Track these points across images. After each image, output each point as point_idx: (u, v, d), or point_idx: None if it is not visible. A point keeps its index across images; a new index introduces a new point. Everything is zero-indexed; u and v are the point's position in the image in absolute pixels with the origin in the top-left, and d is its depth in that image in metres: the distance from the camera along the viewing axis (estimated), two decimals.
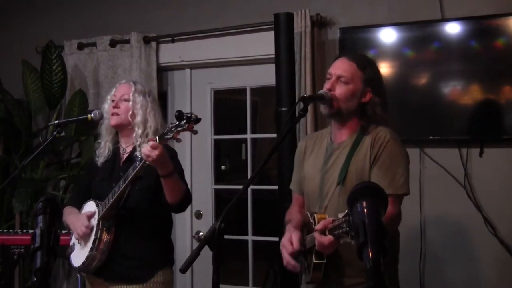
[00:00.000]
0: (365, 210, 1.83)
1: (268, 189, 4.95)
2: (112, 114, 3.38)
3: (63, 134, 4.83)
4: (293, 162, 3.53)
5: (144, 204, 3.29)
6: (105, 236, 3.25)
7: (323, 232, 2.47)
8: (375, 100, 2.86)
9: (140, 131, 3.34)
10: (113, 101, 3.42)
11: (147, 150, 2.92)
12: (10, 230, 4.55)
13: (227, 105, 5.59)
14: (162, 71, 5.31)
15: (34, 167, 5.12)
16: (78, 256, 3.34)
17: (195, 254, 2.26)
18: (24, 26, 5.72)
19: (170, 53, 5.18)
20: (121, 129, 3.42)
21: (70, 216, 3.41)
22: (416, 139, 4.22)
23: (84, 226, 3.27)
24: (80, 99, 5.18)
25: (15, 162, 5.15)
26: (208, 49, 5.02)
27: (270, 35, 4.40)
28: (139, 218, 3.31)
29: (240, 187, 2.51)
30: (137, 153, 3.25)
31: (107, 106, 3.47)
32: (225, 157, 5.90)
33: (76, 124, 4.95)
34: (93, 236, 3.24)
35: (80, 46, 5.36)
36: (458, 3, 4.19)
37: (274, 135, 4.55)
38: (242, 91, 5.10)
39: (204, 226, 5.08)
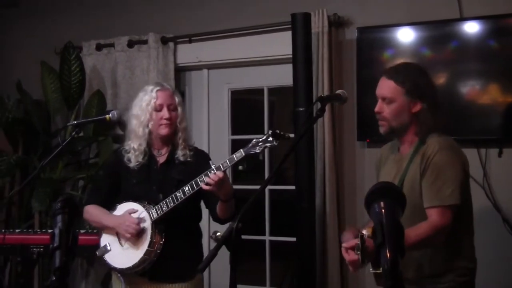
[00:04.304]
0: (382, 210, 1.82)
1: (285, 189, 4.94)
2: (165, 124, 3.42)
3: (81, 134, 4.88)
4: (310, 162, 3.51)
5: (190, 207, 3.39)
6: (158, 238, 3.34)
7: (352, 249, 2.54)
8: (424, 107, 2.92)
9: (183, 137, 3.48)
10: (159, 110, 3.43)
11: (212, 179, 3.11)
12: (30, 230, 4.58)
13: (245, 105, 5.58)
14: (180, 71, 5.32)
15: (52, 167, 5.15)
16: (122, 257, 3.39)
17: (213, 254, 2.27)
18: (42, 28, 5.75)
19: (187, 53, 5.19)
20: (168, 136, 3.48)
21: (107, 216, 3.47)
22: None
23: (135, 224, 3.32)
24: (98, 99, 5.20)
25: (34, 162, 5.18)
26: (226, 49, 5.03)
27: (288, 35, 4.40)
28: (185, 220, 3.44)
29: (258, 187, 2.52)
30: (179, 156, 3.44)
31: (151, 115, 3.44)
32: (243, 157, 5.89)
33: (94, 124, 4.98)
34: (148, 239, 3.32)
35: (98, 47, 5.39)
36: (476, 2, 4.17)
37: (292, 135, 4.54)
38: (260, 91, 5.10)
39: (222, 226, 5.07)
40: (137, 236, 3.34)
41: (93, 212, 3.51)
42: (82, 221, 4.53)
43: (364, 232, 2.13)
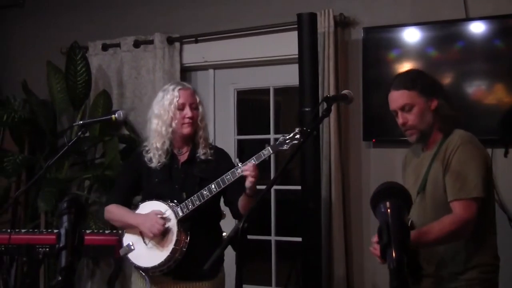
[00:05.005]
0: (388, 210, 1.82)
1: (291, 190, 4.94)
2: (188, 123, 3.42)
3: (87, 134, 4.88)
4: (315, 162, 3.47)
5: (212, 205, 3.41)
6: (183, 237, 3.35)
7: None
8: (441, 102, 2.98)
9: (203, 135, 3.49)
10: (181, 109, 3.42)
11: (248, 170, 3.18)
12: (36, 230, 4.59)
13: (250, 105, 5.58)
14: (186, 71, 5.32)
15: (58, 167, 5.16)
16: (146, 256, 3.38)
17: (219, 254, 2.27)
18: (48, 28, 5.76)
19: (193, 53, 5.19)
20: (190, 135, 3.48)
21: (131, 215, 3.46)
22: None
23: (160, 225, 3.31)
24: (104, 99, 5.21)
25: (40, 162, 5.19)
26: (232, 49, 5.03)
27: (294, 35, 4.40)
28: (208, 218, 3.45)
29: (264, 187, 2.52)
30: (200, 155, 3.45)
31: (174, 114, 3.42)
32: (248, 158, 5.90)
33: (100, 124, 4.98)
34: (174, 238, 3.32)
35: (104, 47, 5.39)
36: (482, 2, 4.16)
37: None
38: (266, 91, 5.10)
39: (227, 226, 5.07)
40: (161, 235, 3.33)
41: (115, 211, 3.50)
42: (88, 221, 4.56)
43: None
